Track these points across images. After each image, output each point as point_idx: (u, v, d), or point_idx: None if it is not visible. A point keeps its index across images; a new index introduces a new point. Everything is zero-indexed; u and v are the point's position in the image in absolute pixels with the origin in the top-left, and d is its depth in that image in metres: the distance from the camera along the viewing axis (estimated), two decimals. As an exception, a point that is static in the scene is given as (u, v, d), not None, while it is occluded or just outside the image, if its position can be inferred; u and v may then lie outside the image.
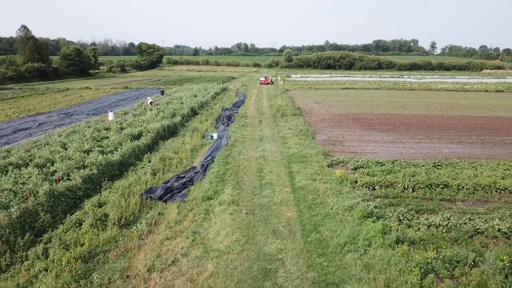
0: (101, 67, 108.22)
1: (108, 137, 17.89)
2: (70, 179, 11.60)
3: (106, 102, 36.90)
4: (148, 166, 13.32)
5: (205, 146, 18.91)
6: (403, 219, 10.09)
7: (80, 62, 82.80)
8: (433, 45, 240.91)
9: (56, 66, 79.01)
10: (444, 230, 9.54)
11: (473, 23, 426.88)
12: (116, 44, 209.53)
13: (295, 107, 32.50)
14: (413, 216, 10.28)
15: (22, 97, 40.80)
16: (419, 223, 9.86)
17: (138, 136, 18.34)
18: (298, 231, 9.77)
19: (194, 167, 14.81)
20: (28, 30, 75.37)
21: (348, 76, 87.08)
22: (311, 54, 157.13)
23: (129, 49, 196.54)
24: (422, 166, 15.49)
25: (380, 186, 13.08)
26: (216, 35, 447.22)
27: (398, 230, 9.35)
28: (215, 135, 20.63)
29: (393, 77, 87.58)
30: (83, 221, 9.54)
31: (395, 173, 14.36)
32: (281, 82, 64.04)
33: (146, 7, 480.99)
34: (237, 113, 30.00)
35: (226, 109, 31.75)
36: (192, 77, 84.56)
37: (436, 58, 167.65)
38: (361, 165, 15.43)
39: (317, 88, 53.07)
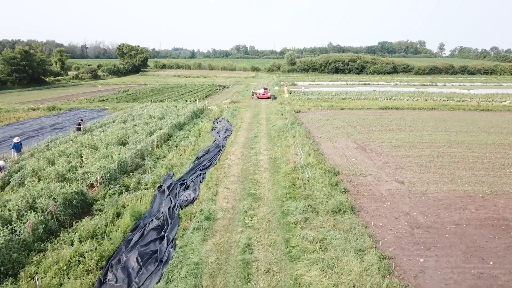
0: (69, 73, 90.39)
1: None
2: None
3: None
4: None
5: None
6: None
7: (29, 67, 64.15)
8: (441, 47, 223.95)
9: (-8, 73, 60.73)
10: None
11: (478, 23, 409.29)
12: (109, 47, 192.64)
13: (327, 170, 14.70)
14: None
15: None
16: None
17: None
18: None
19: None
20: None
21: (369, 84, 69.01)
22: (316, 56, 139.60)
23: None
24: None
25: None
26: (215, 38, 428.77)
27: None
28: None
29: (425, 84, 69.67)
30: None
31: None
32: (287, 95, 46.11)
33: (144, 8, 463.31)
34: (194, 201, 12.07)
35: (170, 186, 13.09)
36: (174, 85, 66.89)
37: (452, 60, 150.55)
38: None
39: (342, 107, 35.13)
